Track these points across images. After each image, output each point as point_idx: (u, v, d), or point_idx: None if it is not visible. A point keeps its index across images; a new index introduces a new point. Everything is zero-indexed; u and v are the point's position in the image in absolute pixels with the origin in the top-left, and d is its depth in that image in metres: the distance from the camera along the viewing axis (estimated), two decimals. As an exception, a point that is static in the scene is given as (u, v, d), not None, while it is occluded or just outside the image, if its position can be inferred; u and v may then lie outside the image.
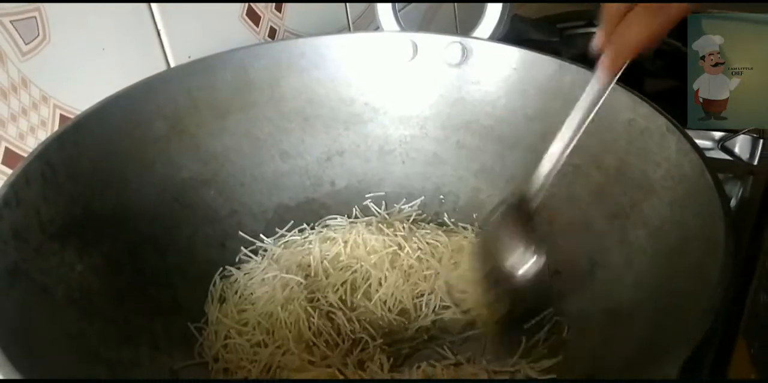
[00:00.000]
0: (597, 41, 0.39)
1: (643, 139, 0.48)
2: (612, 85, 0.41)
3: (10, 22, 0.47)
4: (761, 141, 0.64)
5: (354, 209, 0.59)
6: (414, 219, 0.58)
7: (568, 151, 0.44)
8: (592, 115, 0.42)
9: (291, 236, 0.57)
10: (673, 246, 0.43)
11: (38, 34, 0.49)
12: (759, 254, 0.55)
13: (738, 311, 0.50)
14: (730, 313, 0.49)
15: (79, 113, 0.50)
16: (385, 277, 0.52)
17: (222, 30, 0.64)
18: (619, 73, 0.39)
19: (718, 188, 0.41)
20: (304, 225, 0.58)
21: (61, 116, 0.52)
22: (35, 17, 0.49)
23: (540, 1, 0.95)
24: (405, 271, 0.52)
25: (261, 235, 0.57)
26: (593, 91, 0.41)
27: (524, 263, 0.44)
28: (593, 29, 0.78)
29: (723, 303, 0.34)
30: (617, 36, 0.37)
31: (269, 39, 0.69)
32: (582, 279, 0.49)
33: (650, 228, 0.45)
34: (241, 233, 0.56)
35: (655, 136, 0.47)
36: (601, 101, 0.42)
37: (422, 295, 0.52)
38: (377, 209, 0.58)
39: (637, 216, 0.47)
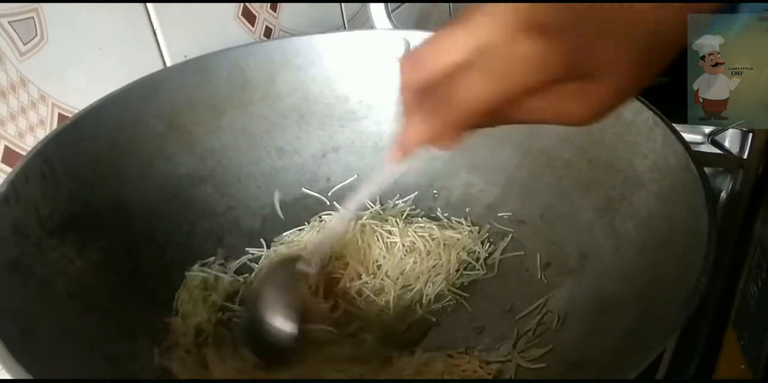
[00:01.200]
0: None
1: (631, 132, 0.48)
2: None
3: (9, 22, 0.48)
4: (750, 135, 0.65)
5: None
6: (408, 214, 0.58)
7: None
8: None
9: (288, 234, 0.58)
10: (660, 237, 0.43)
11: (36, 34, 0.50)
12: (749, 246, 0.55)
13: (728, 303, 0.51)
14: (720, 305, 0.50)
15: (76, 111, 0.51)
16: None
17: (218, 30, 0.65)
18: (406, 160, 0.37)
19: (702, 180, 0.41)
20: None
21: (59, 114, 0.53)
22: (33, 18, 0.50)
23: (533, 1, 0.95)
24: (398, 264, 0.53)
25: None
26: (388, 173, 0.42)
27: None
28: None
29: (706, 289, 0.35)
30: (403, 129, 0.34)
31: (265, 38, 0.70)
32: (572, 271, 0.50)
33: (638, 220, 0.46)
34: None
35: (643, 129, 0.47)
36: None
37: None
38: (371, 204, 0.58)
39: (625, 208, 0.48)
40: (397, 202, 0.60)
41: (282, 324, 0.45)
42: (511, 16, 0.28)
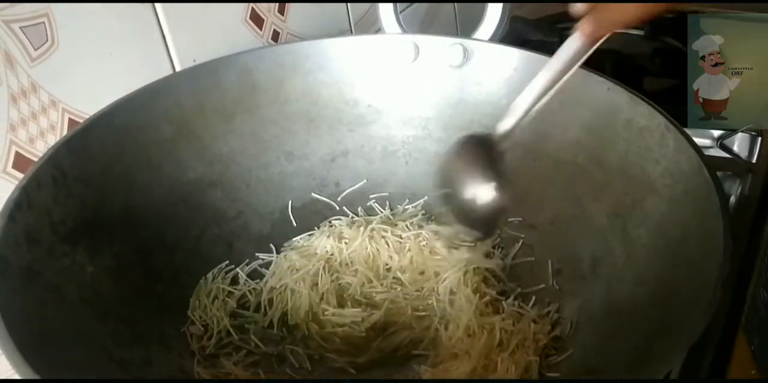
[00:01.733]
0: (580, 6, 0.38)
1: (643, 137, 0.48)
2: (588, 52, 0.40)
3: (20, 28, 0.48)
4: (760, 139, 0.65)
5: (359, 210, 0.60)
6: (419, 219, 0.58)
7: (542, 101, 0.43)
8: (566, 77, 0.41)
9: (297, 239, 0.58)
10: (673, 244, 0.43)
11: (47, 40, 0.50)
12: (758, 250, 0.55)
13: (738, 307, 0.51)
14: (731, 310, 0.50)
15: (87, 117, 0.51)
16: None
17: (226, 34, 0.65)
18: (599, 42, 0.38)
19: (716, 186, 0.41)
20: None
21: (70, 119, 0.53)
22: (44, 23, 0.50)
23: (540, 1, 0.95)
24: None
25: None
26: (570, 52, 0.40)
27: (481, 197, 0.43)
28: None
29: (722, 299, 0.35)
30: (605, 8, 0.36)
31: (272, 42, 0.70)
32: (584, 277, 0.50)
33: (651, 226, 0.46)
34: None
35: (655, 134, 0.47)
36: (577, 65, 0.41)
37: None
38: (381, 209, 0.58)
39: (637, 214, 0.47)
40: (406, 207, 0.59)
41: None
42: None
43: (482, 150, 0.44)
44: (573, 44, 0.40)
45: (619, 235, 0.48)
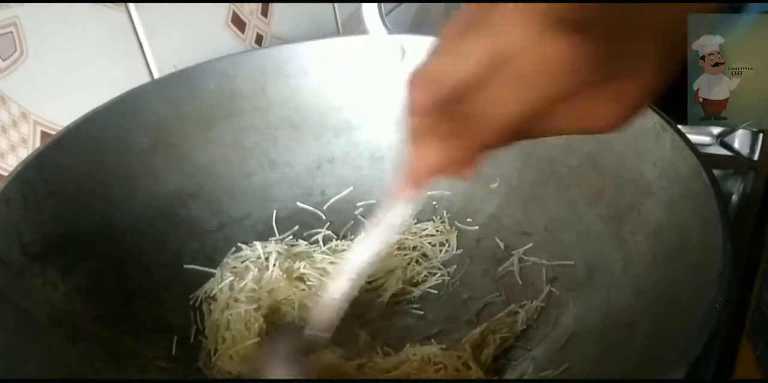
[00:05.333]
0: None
1: (638, 138, 0.46)
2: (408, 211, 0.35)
3: (-15, 39, 0.46)
4: (761, 136, 0.63)
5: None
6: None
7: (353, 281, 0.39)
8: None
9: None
10: (672, 250, 0.41)
11: (15, 50, 0.49)
12: (762, 251, 0.53)
13: (742, 310, 0.49)
14: (734, 314, 0.48)
15: (60, 128, 0.49)
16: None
17: (207, 38, 0.63)
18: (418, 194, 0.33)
19: (715, 189, 0.39)
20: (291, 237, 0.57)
21: (42, 132, 0.51)
22: (12, 32, 0.48)
23: (528, 1, 0.93)
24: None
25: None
26: (393, 214, 0.35)
27: None
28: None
29: (723, 309, 0.33)
30: (412, 158, 0.30)
31: (256, 45, 0.68)
32: (580, 285, 0.48)
33: (648, 231, 0.44)
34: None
35: (650, 135, 0.45)
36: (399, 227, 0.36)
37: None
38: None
39: (634, 219, 0.45)
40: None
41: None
42: (536, 12, 0.25)
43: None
44: (398, 210, 0.35)
45: (615, 241, 0.46)
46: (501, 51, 0.25)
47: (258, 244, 0.54)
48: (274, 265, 0.51)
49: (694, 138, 0.44)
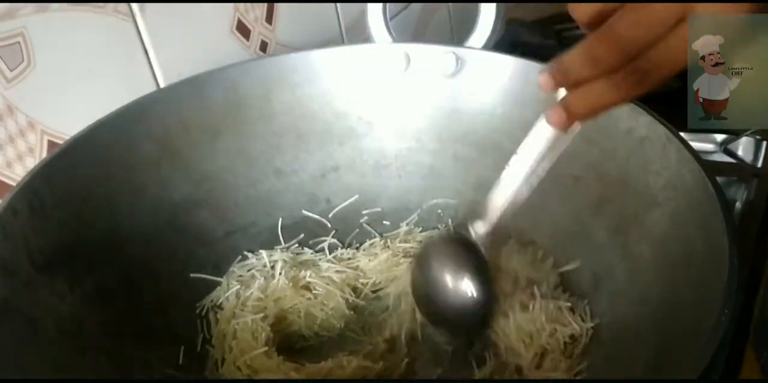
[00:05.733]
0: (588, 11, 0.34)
1: (644, 148, 0.46)
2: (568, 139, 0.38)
3: (-7, 49, 0.46)
4: (765, 143, 0.63)
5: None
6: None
7: (519, 196, 0.42)
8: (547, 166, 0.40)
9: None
10: (677, 260, 0.41)
11: (23, 60, 0.49)
12: (766, 258, 0.54)
13: (746, 318, 0.49)
14: (738, 321, 0.48)
15: (68, 138, 0.49)
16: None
17: (212, 46, 0.63)
18: (575, 131, 0.37)
19: (720, 200, 0.39)
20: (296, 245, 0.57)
21: (50, 141, 0.51)
22: (19, 42, 0.48)
23: (536, 1, 0.94)
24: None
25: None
26: (541, 142, 0.39)
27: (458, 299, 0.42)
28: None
29: (729, 324, 0.33)
30: (580, 96, 0.33)
31: (261, 52, 0.68)
32: (585, 294, 0.48)
33: (653, 241, 0.44)
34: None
35: (656, 145, 0.46)
36: (557, 155, 0.39)
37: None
38: (373, 230, 0.57)
39: (639, 229, 0.46)
40: (400, 224, 0.57)
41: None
42: None
43: (461, 252, 0.43)
44: (542, 133, 0.38)
45: (620, 251, 0.47)
46: (684, 10, 0.30)
47: (264, 252, 0.54)
48: (280, 273, 0.52)
49: (697, 146, 0.44)
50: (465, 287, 0.42)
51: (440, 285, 0.43)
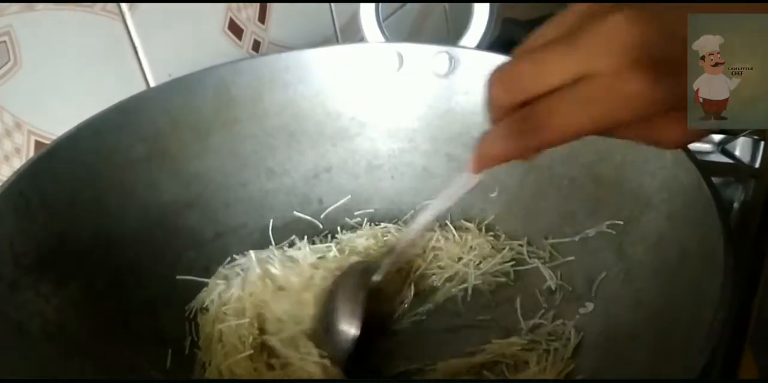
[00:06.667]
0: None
1: (639, 149, 0.46)
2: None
3: (-22, 49, 0.46)
4: (762, 143, 0.62)
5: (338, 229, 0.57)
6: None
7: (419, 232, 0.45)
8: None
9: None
10: (673, 263, 0.41)
11: (9, 59, 0.48)
12: (763, 259, 0.53)
13: (744, 320, 0.48)
14: (735, 323, 0.47)
15: (55, 138, 0.49)
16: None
17: (203, 45, 0.62)
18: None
19: (716, 202, 0.39)
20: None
21: (37, 142, 0.51)
22: (5, 41, 0.48)
23: (531, 0, 0.93)
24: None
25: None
26: (462, 185, 0.39)
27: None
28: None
29: (725, 326, 0.33)
30: (481, 142, 0.31)
31: (253, 52, 0.67)
32: (580, 298, 0.47)
33: (648, 243, 0.43)
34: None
35: (651, 146, 0.45)
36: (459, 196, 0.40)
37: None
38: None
39: (634, 230, 0.45)
40: (386, 225, 0.56)
41: (347, 326, 0.45)
42: (627, 47, 0.26)
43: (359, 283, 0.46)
44: (463, 180, 0.38)
45: (614, 252, 0.46)
46: (583, 72, 0.27)
47: (252, 253, 0.53)
48: (266, 275, 0.51)
49: (694, 146, 0.44)
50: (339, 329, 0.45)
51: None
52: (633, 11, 0.27)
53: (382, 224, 0.56)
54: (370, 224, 0.57)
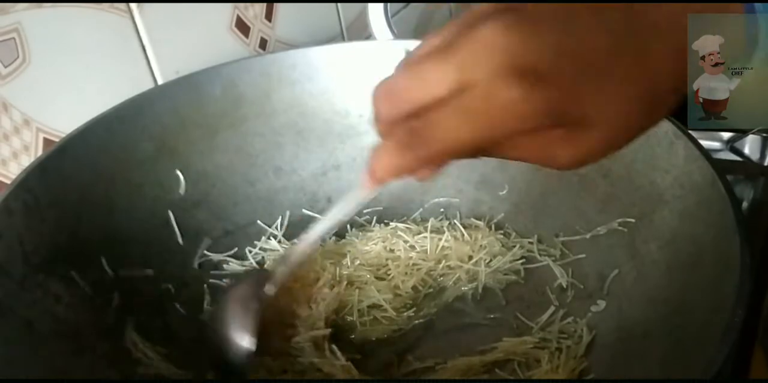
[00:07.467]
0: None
1: (650, 145, 0.46)
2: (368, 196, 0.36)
3: (-13, 45, 0.46)
4: (771, 141, 0.62)
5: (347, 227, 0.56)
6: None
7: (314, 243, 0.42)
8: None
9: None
10: (686, 260, 0.41)
11: (18, 56, 0.48)
12: (773, 257, 0.53)
13: (754, 319, 0.48)
14: (746, 321, 0.47)
15: (63, 135, 0.49)
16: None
17: (211, 43, 0.62)
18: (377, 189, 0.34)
19: (731, 198, 0.38)
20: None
21: (45, 139, 0.50)
22: (14, 38, 0.47)
23: (535, 0, 0.93)
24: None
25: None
26: (356, 198, 0.38)
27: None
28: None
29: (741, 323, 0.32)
30: (372, 157, 0.31)
31: (260, 50, 0.67)
32: (592, 296, 0.47)
33: (661, 241, 0.43)
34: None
35: (663, 142, 0.45)
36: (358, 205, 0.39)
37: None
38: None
39: (647, 228, 0.45)
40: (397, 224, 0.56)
41: (239, 339, 0.42)
42: (500, 55, 0.26)
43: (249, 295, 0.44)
44: (357, 194, 0.37)
45: (626, 250, 0.46)
46: (460, 82, 0.26)
47: (260, 246, 0.53)
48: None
49: (703, 144, 0.43)
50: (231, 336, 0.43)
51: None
52: (512, 18, 0.26)
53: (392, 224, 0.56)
54: (379, 225, 0.56)
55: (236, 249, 0.54)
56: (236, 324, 0.43)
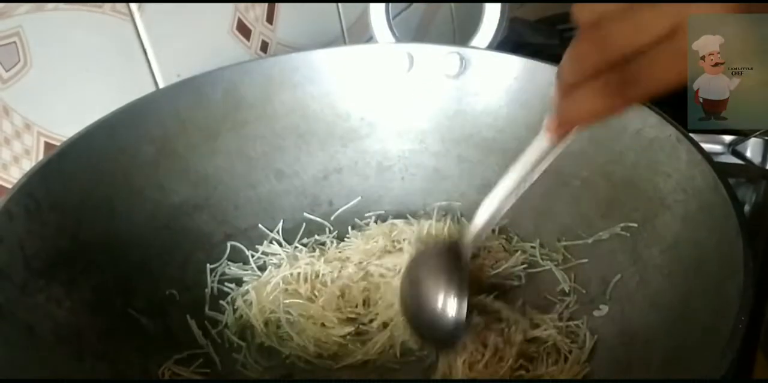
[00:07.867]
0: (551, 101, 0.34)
1: (653, 149, 0.46)
2: (560, 148, 0.37)
3: (-11, 49, 0.45)
4: (773, 144, 0.62)
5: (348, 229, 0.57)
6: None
7: (506, 206, 0.41)
8: (536, 175, 0.39)
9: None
10: (689, 265, 0.40)
11: (19, 60, 0.48)
12: (775, 261, 0.53)
13: (756, 324, 0.48)
14: (747, 326, 0.47)
15: (65, 139, 0.48)
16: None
17: (212, 46, 0.62)
18: (567, 137, 0.35)
19: (733, 202, 0.38)
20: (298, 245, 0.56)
21: (46, 143, 0.50)
22: (15, 42, 0.47)
23: (541, 1, 0.93)
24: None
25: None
26: (536, 154, 0.37)
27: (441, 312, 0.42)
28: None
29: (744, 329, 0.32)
30: (568, 103, 0.32)
31: (261, 53, 0.67)
32: (594, 301, 0.47)
33: (664, 245, 0.43)
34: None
35: (665, 146, 0.45)
36: (548, 162, 0.38)
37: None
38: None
39: (649, 232, 0.45)
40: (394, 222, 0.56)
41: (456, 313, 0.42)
42: None
43: (446, 260, 0.43)
44: (539, 145, 0.37)
45: (629, 254, 0.46)
46: (681, 24, 0.28)
47: (263, 250, 0.53)
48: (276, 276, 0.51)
49: (705, 146, 0.43)
50: (446, 309, 0.42)
51: (424, 303, 0.43)
52: None
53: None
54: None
55: (237, 253, 0.54)
56: (450, 297, 0.42)
